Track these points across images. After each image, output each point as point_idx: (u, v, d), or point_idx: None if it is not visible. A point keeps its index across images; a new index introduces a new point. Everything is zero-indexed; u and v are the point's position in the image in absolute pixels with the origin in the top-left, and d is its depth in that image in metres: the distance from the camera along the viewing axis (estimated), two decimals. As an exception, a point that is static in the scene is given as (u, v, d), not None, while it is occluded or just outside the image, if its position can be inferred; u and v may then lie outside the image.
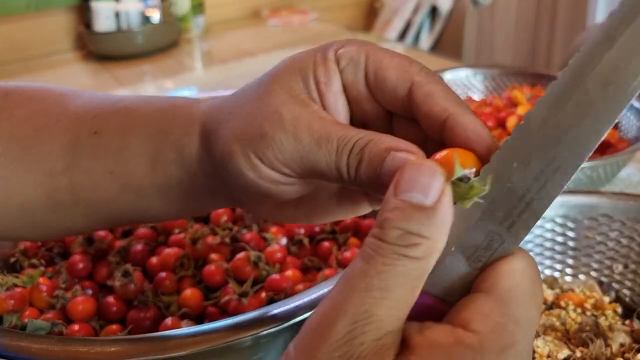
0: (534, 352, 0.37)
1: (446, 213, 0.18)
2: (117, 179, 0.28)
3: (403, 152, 0.22)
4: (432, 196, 0.18)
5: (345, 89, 0.26)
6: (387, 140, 0.22)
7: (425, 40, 1.75)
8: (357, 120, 0.27)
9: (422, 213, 0.18)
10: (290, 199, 0.28)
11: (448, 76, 0.79)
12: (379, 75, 0.25)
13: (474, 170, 0.21)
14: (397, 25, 1.75)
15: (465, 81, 0.80)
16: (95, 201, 0.29)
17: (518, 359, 0.18)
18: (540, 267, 0.45)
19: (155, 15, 1.25)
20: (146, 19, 1.24)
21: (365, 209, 0.29)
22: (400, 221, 0.18)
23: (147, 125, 0.29)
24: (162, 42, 1.25)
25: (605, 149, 0.63)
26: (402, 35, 1.78)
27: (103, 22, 1.20)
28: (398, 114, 0.26)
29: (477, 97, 0.79)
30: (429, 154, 0.22)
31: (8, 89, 0.31)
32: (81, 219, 0.30)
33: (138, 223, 0.47)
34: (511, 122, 0.68)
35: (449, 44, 1.67)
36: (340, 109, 0.26)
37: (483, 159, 0.21)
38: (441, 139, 0.23)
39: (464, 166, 0.20)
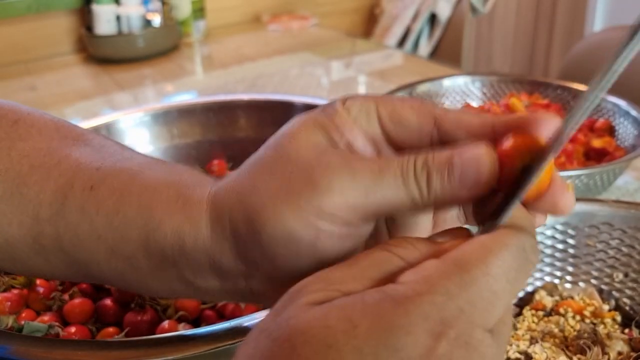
0: (531, 357, 0.37)
1: None
2: (104, 243, 0.26)
3: (466, 150, 0.21)
4: None
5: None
6: (442, 150, 0.22)
7: (424, 47, 1.76)
8: None
9: None
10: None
11: (446, 83, 0.79)
12: (394, 117, 0.24)
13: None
14: (397, 32, 1.76)
15: (464, 88, 0.80)
16: (79, 258, 0.27)
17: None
18: (540, 274, 0.45)
19: (156, 19, 1.25)
20: (147, 23, 1.24)
21: None
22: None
23: (145, 198, 0.26)
24: (163, 46, 1.25)
25: (602, 157, 0.63)
26: (401, 42, 1.79)
27: (104, 25, 1.21)
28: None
29: (475, 104, 0.79)
30: None
31: (19, 116, 0.29)
32: (64, 268, 0.28)
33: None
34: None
35: (448, 51, 1.68)
36: (369, 153, 0.24)
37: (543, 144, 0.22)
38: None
39: (533, 150, 0.21)
